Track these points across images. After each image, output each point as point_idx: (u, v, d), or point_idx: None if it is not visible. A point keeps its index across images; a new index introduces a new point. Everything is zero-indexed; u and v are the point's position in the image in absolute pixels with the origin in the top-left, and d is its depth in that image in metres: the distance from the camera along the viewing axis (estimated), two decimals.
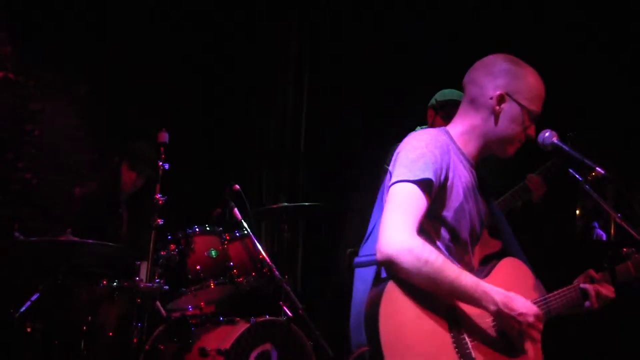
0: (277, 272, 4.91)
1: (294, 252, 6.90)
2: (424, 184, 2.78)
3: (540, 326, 2.89)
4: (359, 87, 6.94)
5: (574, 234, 7.30)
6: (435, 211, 2.89)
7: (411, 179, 2.78)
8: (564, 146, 3.06)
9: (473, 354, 2.79)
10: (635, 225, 3.12)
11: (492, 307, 2.79)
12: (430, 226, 2.89)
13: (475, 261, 3.13)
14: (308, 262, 6.96)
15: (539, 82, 3.07)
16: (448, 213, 2.93)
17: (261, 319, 4.88)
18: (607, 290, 3.21)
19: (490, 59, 3.11)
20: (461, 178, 2.99)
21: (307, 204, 5.91)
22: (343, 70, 7.07)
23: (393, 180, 2.82)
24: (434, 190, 2.82)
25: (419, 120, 5.11)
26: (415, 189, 2.77)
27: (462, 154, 3.06)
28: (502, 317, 2.81)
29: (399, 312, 2.68)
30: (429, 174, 2.80)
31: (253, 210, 5.27)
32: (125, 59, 6.23)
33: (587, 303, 3.18)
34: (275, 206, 5.58)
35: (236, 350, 4.67)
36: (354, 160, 6.74)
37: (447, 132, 3.08)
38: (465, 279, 2.75)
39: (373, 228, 2.93)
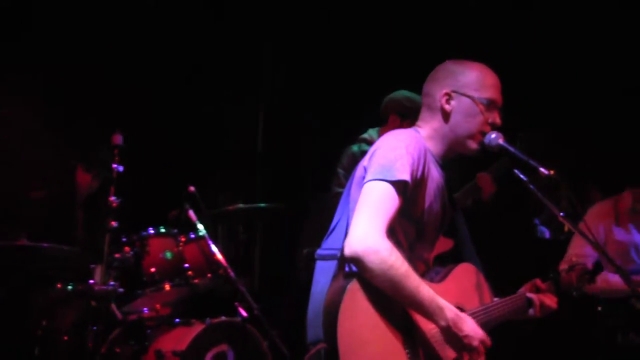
0: (232, 273, 4.94)
1: (251, 253, 6.92)
2: (399, 185, 2.82)
3: (482, 350, 2.96)
4: (315, 89, 6.98)
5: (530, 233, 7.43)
6: (407, 210, 2.93)
7: (388, 179, 2.82)
8: (510, 147, 3.11)
9: None
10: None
11: (443, 323, 2.85)
12: (398, 223, 2.93)
13: (432, 258, 3.20)
14: (266, 263, 6.99)
15: (487, 72, 3.16)
16: (419, 213, 2.99)
17: (217, 320, 4.92)
18: (551, 301, 3.38)
19: (437, 67, 3.21)
20: (434, 179, 3.05)
21: (263, 205, 5.94)
22: (300, 71, 7.11)
23: (369, 177, 2.85)
24: (408, 191, 2.87)
25: (373, 123, 5.17)
26: (390, 190, 2.81)
27: (433, 155, 3.12)
28: (450, 334, 2.88)
29: (359, 313, 2.72)
30: (405, 176, 2.84)
31: (209, 212, 5.29)
32: (80, 61, 6.20)
33: (530, 311, 3.34)
34: (231, 208, 5.59)
35: (192, 352, 4.69)
36: (311, 162, 6.77)
37: (419, 133, 3.15)
38: (424, 291, 2.81)
39: (337, 223, 2.96)
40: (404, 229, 2.97)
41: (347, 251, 2.72)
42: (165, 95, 6.66)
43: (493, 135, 3.12)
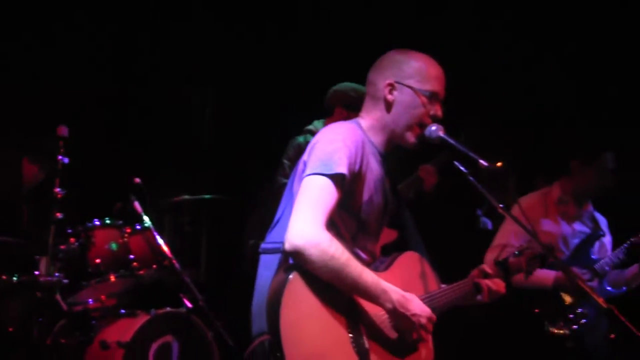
0: (177, 264, 4.97)
1: (197, 244, 6.94)
2: (337, 179, 2.87)
3: (431, 327, 3.03)
4: (260, 81, 7.01)
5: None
6: (346, 202, 2.98)
7: (325, 172, 2.86)
8: (450, 139, 3.14)
9: (369, 351, 2.91)
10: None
11: (389, 305, 2.91)
12: (338, 216, 2.97)
13: (377, 249, 3.25)
14: (212, 255, 7.01)
15: (430, 64, 3.19)
16: (359, 205, 3.03)
17: (161, 311, 4.95)
18: (498, 286, 3.38)
19: (382, 57, 3.24)
20: (373, 171, 3.09)
21: (208, 196, 5.96)
22: (245, 64, 7.13)
23: (308, 172, 2.90)
24: (347, 184, 2.91)
25: (319, 114, 5.21)
26: (328, 183, 2.85)
27: (374, 146, 3.15)
28: (397, 315, 2.94)
29: (301, 304, 2.77)
30: (342, 169, 2.88)
31: (154, 203, 5.30)
32: (25, 53, 6.16)
33: (478, 297, 3.36)
34: (176, 199, 5.61)
35: (137, 343, 4.73)
36: (256, 154, 6.80)
37: (360, 125, 3.18)
38: (367, 276, 2.87)
39: (281, 216, 3.00)
40: (345, 221, 3.02)
41: (288, 246, 2.77)
42: (111, 86, 6.63)
43: (433, 128, 3.15)
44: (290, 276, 2.77)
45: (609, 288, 4.82)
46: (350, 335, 2.87)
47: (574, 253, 4.83)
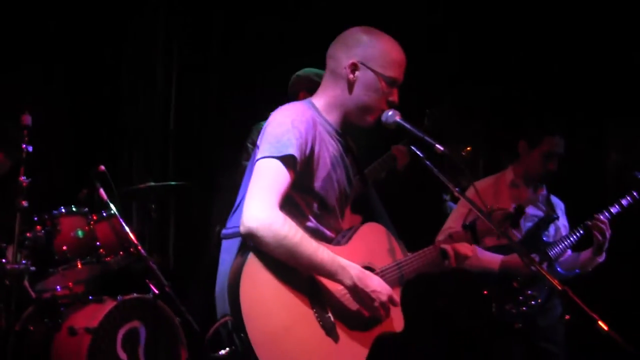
0: (143, 251, 5.01)
1: (165, 231, 6.97)
2: (287, 160, 2.88)
3: (394, 303, 3.06)
4: (226, 64, 7.03)
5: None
6: (304, 183, 3.00)
7: (275, 155, 2.88)
8: (406, 124, 3.14)
9: (335, 325, 2.96)
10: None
11: (348, 282, 2.94)
12: (299, 198, 3.01)
13: (345, 225, 3.27)
14: (179, 241, 7.04)
15: (394, 49, 3.16)
16: (316, 184, 3.04)
17: (128, 297, 4.99)
18: (466, 249, 3.39)
19: (346, 32, 3.21)
20: (328, 149, 3.10)
21: (173, 183, 5.99)
22: (213, 48, 7.13)
23: (259, 155, 2.92)
24: (299, 164, 2.92)
25: (286, 98, 5.24)
26: (278, 165, 2.87)
27: (329, 124, 3.15)
28: (357, 291, 2.96)
29: (260, 284, 2.80)
30: (292, 150, 2.89)
31: (119, 190, 5.33)
32: None
33: (446, 262, 3.36)
34: (142, 186, 5.62)
35: (104, 328, 4.78)
36: (223, 139, 6.83)
37: (313, 104, 3.18)
38: (322, 253, 2.89)
39: (240, 201, 3.00)
40: (306, 200, 3.05)
41: (242, 229, 2.79)
42: (76, 72, 6.61)
43: (390, 113, 3.15)
44: (248, 257, 2.80)
45: (560, 270, 4.89)
46: (314, 310, 2.91)
47: (526, 236, 4.86)
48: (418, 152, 3.22)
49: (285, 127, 2.95)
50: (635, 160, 7.29)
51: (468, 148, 5.80)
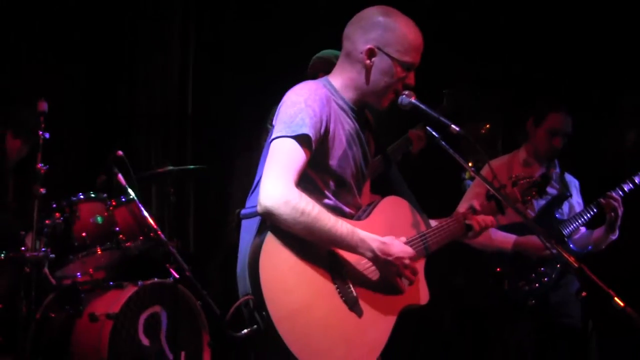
0: (162, 236, 4.99)
1: (184, 215, 6.96)
2: (302, 139, 2.90)
3: (416, 266, 3.09)
4: (244, 47, 6.99)
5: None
6: (320, 161, 3.02)
7: (289, 134, 2.90)
8: (421, 105, 3.16)
9: (358, 299, 2.98)
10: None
11: (369, 254, 2.97)
12: (316, 176, 3.03)
13: (364, 201, 3.28)
14: (199, 225, 7.03)
15: (412, 33, 3.14)
16: (333, 162, 3.06)
17: (149, 282, 5.00)
18: (487, 220, 3.44)
19: (364, 13, 3.19)
20: (344, 126, 3.12)
21: (192, 166, 5.98)
22: (229, 30, 7.09)
23: (274, 135, 2.94)
24: (314, 143, 2.94)
25: (305, 79, 5.19)
26: (293, 144, 2.89)
27: (345, 102, 3.16)
28: (379, 262, 3.00)
29: (279, 261, 2.83)
30: (306, 130, 2.90)
31: (137, 175, 5.31)
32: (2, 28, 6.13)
33: (470, 233, 3.42)
34: (160, 170, 5.62)
35: (125, 314, 4.79)
36: (241, 121, 6.81)
37: (329, 82, 3.18)
38: (342, 227, 2.91)
39: (258, 181, 3.02)
40: (323, 179, 3.06)
41: (260, 208, 2.82)
42: (90, 58, 6.60)
43: (405, 94, 3.17)
44: (266, 236, 2.83)
45: (574, 248, 4.88)
46: (336, 285, 2.94)
47: (539, 214, 4.86)
48: (434, 133, 3.24)
49: (299, 106, 2.96)
50: None
51: (487, 125, 5.78)
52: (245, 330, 2.84)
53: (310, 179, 3.00)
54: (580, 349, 4.88)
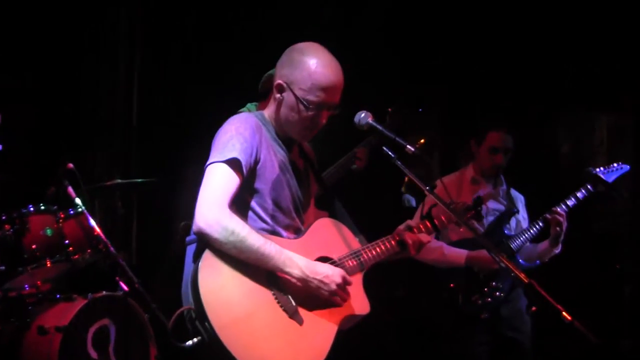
0: (112, 248, 5.00)
1: (128, 227, 6.94)
2: (232, 163, 3.05)
3: (348, 282, 3.21)
4: (191, 60, 7.02)
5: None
6: (256, 187, 3.18)
7: (221, 159, 3.06)
8: (378, 126, 3.30)
9: (298, 308, 3.12)
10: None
11: (297, 272, 3.11)
12: (253, 202, 3.19)
13: (302, 225, 3.40)
14: (143, 237, 7.02)
15: (323, 74, 3.20)
16: (267, 186, 3.20)
17: (98, 295, 5.01)
18: (423, 238, 3.59)
19: (290, 47, 3.33)
20: (276, 154, 3.27)
21: (140, 180, 5.98)
22: (176, 42, 7.11)
23: (208, 162, 3.10)
24: (245, 167, 3.08)
25: (252, 96, 5.26)
26: (225, 168, 3.05)
27: (277, 133, 3.32)
28: (308, 280, 3.12)
29: (218, 273, 2.98)
30: (236, 154, 3.06)
31: (87, 187, 5.31)
32: None
33: (405, 251, 3.55)
34: (108, 183, 5.63)
35: (74, 327, 4.79)
36: (186, 134, 6.83)
37: (262, 114, 3.35)
38: (270, 246, 3.06)
39: None
40: (260, 204, 3.21)
41: (194, 228, 2.99)
42: (39, 71, 6.55)
43: (362, 115, 3.33)
44: (204, 252, 2.98)
45: (522, 262, 5.03)
46: (274, 296, 3.08)
47: (488, 229, 5.02)
48: (390, 153, 3.33)
49: (230, 133, 3.13)
50: (585, 152, 7.54)
51: (422, 141, 5.92)
52: (190, 342, 2.95)
53: (248, 205, 3.17)
54: None
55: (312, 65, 3.20)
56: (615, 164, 5.06)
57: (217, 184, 3.03)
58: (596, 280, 5.45)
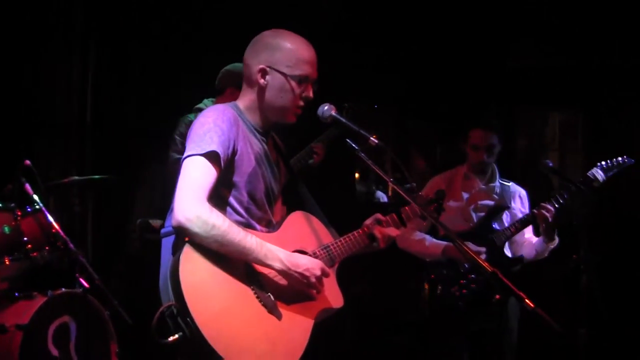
0: (71, 245, 4.99)
1: (84, 224, 6.89)
2: (210, 156, 3.05)
3: (326, 274, 3.25)
4: (148, 56, 7.00)
5: (353, 196, 7.83)
6: (232, 179, 3.17)
7: (199, 152, 3.05)
8: (341, 118, 3.35)
9: (276, 303, 3.14)
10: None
11: (278, 265, 3.12)
12: (228, 192, 3.18)
13: (276, 219, 3.43)
14: (98, 234, 6.98)
15: (301, 48, 3.30)
16: (243, 179, 3.20)
17: (58, 292, 4.97)
18: (392, 231, 3.62)
19: (256, 37, 3.37)
20: (253, 146, 3.26)
21: (97, 177, 5.95)
22: (131, 38, 7.06)
23: (184, 155, 3.09)
24: (223, 160, 3.08)
25: (209, 92, 5.27)
26: (203, 161, 3.04)
27: (251, 124, 3.31)
28: (289, 273, 3.14)
29: (198, 269, 2.98)
30: (214, 147, 3.05)
31: (44, 185, 5.28)
32: None
33: (374, 244, 3.58)
34: (65, 180, 5.59)
35: (35, 325, 4.74)
36: (142, 132, 6.81)
37: (237, 106, 3.33)
38: (250, 240, 3.06)
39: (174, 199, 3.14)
40: (234, 196, 3.21)
41: (174, 223, 2.98)
42: None
43: (325, 107, 3.37)
44: (184, 248, 2.98)
45: (510, 255, 5.14)
46: (253, 291, 3.09)
47: (478, 225, 5.14)
48: (353, 145, 3.38)
49: (208, 126, 3.12)
50: (540, 145, 7.71)
51: (374, 136, 6.01)
52: (172, 338, 2.94)
53: (222, 197, 3.15)
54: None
55: (290, 43, 3.29)
56: (619, 158, 5.05)
57: (195, 178, 3.02)
58: (554, 270, 5.55)
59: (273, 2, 6.53)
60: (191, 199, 2.97)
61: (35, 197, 5.06)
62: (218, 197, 3.12)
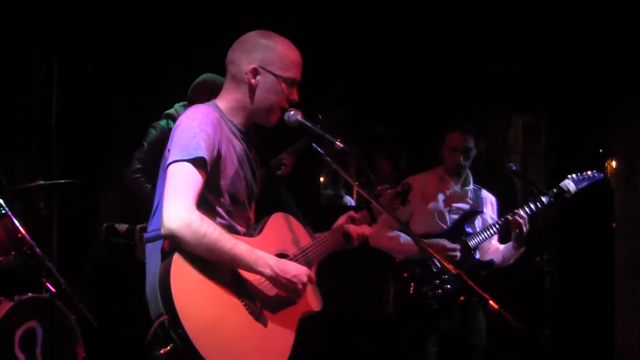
0: (38, 249, 4.97)
1: (50, 229, 6.85)
2: (198, 162, 3.02)
3: (312, 281, 3.30)
4: (115, 59, 6.97)
5: (318, 201, 7.87)
6: (214, 182, 3.15)
7: (186, 158, 3.01)
8: (307, 123, 3.35)
9: (262, 310, 3.16)
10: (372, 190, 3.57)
11: (268, 271, 3.13)
12: (210, 195, 3.15)
13: (252, 218, 3.44)
14: (65, 239, 6.94)
15: (291, 51, 3.31)
16: (225, 181, 3.19)
17: (24, 297, 4.95)
18: (365, 229, 3.68)
19: (245, 37, 3.35)
20: (235, 148, 3.25)
21: (62, 181, 5.93)
22: (97, 41, 7.02)
23: (170, 159, 3.05)
24: (209, 165, 3.07)
25: (178, 97, 5.26)
26: (190, 167, 3.01)
27: (234, 124, 3.29)
28: (278, 279, 3.15)
29: (188, 279, 2.96)
30: (201, 152, 3.03)
31: (10, 189, 5.25)
32: None
33: (349, 242, 3.63)
34: (32, 185, 5.57)
35: (1, 329, 4.73)
36: (108, 135, 6.79)
37: (217, 106, 3.31)
38: (241, 247, 3.06)
39: (158, 204, 3.14)
40: (217, 198, 3.19)
41: (163, 231, 2.95)
42: None
43: (292, 112, 3.35)
44: (173, 257, 2.95)
45: (497, 261, 5.15)
46: (240, 299, 3.09)
47: (451, 227, 5.18)
48: (319, 149, 3.46)
49: (193, 130, 3.08)
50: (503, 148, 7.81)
51: (338, 140, 6.05)
52: (163, 350, 2.92)
53: (204, 199, 3.11)
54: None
55: (281, 45, 3.31)
56: (589, 172, 5.15)
57: (184, 184, 3.00)
58: (518, 272, 5.61)
59: (239, 10, 6.54)
60: (181, 207, 2.94)
61: (1, 201, 5.03)
62: (201, 200, 3.08)
